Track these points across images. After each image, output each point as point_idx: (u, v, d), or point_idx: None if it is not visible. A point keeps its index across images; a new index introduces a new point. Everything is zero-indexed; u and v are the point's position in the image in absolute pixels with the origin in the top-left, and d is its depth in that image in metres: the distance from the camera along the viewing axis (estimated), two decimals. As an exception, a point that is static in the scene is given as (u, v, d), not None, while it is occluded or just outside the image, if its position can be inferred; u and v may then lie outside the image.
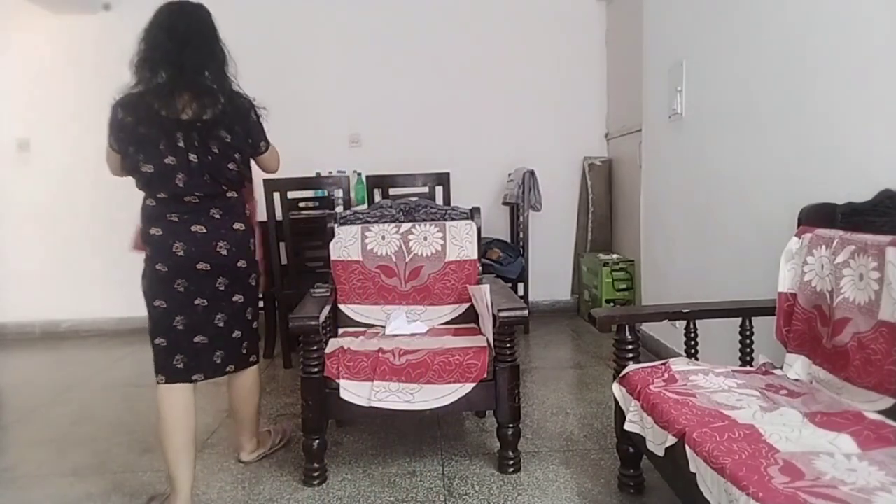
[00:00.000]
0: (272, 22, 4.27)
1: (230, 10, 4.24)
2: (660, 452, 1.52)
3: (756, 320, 1.92)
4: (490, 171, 4.41)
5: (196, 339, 1.93)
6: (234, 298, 1.98)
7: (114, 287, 4.46)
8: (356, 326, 2.45)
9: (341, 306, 2.49)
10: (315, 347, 2.03)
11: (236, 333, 2.01)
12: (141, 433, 2.59)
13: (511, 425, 2.07)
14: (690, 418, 1.43)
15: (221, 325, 1.96)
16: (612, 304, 3.82)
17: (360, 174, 3.95)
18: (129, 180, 1.96)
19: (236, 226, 1.96)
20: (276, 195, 3.23)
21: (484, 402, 2.09)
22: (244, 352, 2.06)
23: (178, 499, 1.89)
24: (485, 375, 2.01)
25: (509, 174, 4.26)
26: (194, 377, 1.95)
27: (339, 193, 3.46)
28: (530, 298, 4.02)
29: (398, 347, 2.08)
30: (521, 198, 3.93)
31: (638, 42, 3.43)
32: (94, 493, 2.10)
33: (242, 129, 1.95)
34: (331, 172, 3.98)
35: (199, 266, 1.90)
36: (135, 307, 4.45)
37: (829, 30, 1.88)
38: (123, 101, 1.88)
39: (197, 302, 1.91)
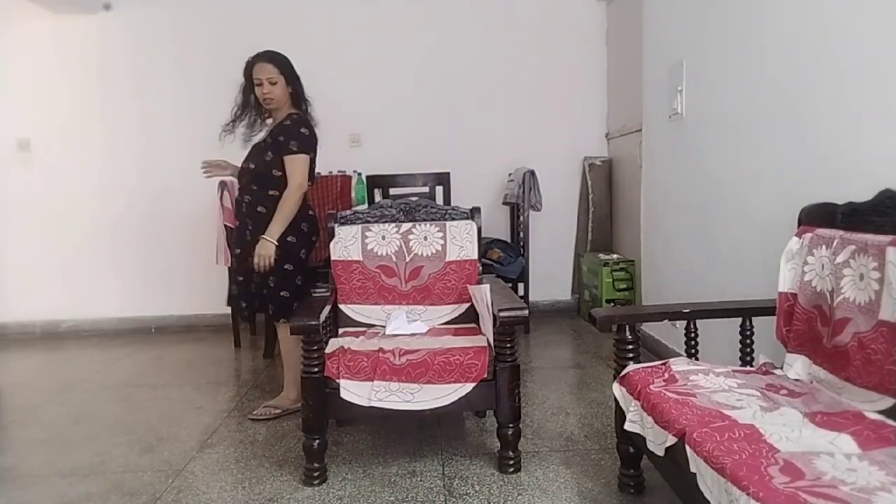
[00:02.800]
0: (272, 22, 4.27)
1: (231, 11, 4.28)
2: (660, 452, 1.52)
3: (756, 320, 1.92)
4: (490, 171, 4.41)
5: None
6: None
7: (114, 287, 4.47)
8: (356, 326, 2.45)
9: (341, 306, 2.49)
10: (315, 347, 2.03)
11: None
12: (141, 433, 2.59)
13: (511, 425, 2.07)
14: (691, 418, 1.43)
15: None
16: (612, 304, 3.82)
17: (360, 174, 3.95)
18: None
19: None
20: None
21: (484, 402, 2.09)
22: None
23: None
24: (485, 375, 2.01)
25: (509, 174, 4.26)
26: None
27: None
28: (530, 298, 4.02)
29: (398, 347, 2.08)
30: (522, 198, 3.94)
31: (638, 42, 3.43)
32: (94, 493, 2.10)
33: None
34: (331, 172, 3.98)
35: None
36: (135, 307, 4.53)
37: (829, 29, 1.88)
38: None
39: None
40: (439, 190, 3.77)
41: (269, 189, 2.59)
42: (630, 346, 1.86)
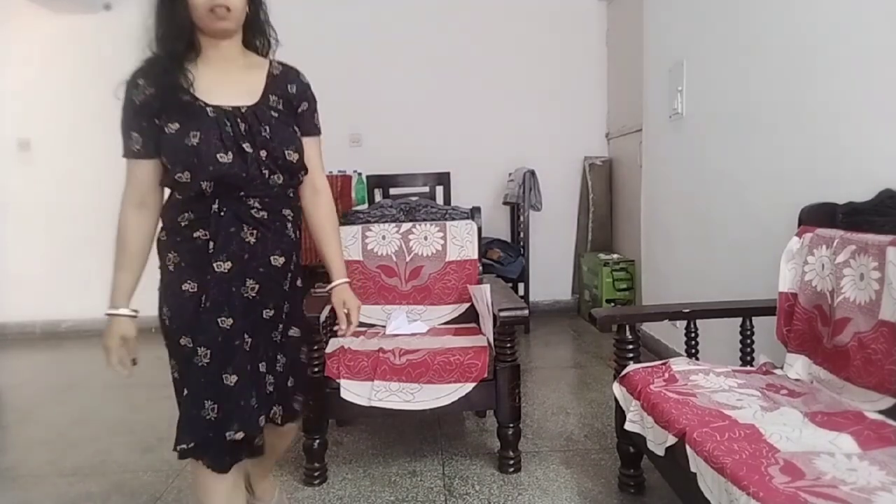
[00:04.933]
0: (271, 21, 4.26)
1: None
2: (660, 452, 1.52)
3: (756, 320, 1.92)
4: (490, 171, 4.41)
5: None
6: None
7: (114, 287, 4.47)
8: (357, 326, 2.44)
9: (341, 306, 2.49)
10: (315, 347, 2.03)
11: None
12: (141, 433, 2.59)
13: (511, 425, 2.07)
14: (691, 418, 1.43)
15: None
16: (612, 304, 3.82)
17: (360, 174, 3.95)
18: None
19: None
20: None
21: (484, 402, 2.09)
22: None
23: None
24: (485, 375, 2.01)
25: (509, 174, 4.26)
26: None
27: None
28: (530, 298, 4.02)
29: (398, 347, 2.08)
30: (522, 198, 3.94)
31: (638, 42, 3.43)
32: (94, 493, 2.10)
33: None
34: (331, 172, 3.98)
35: None
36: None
37: (830, 29, 1.88)
38: None
39: None
40: (439, 190, 3.77)
41: (294, 197, 1.53)
42: (630, 346, 1.86)
